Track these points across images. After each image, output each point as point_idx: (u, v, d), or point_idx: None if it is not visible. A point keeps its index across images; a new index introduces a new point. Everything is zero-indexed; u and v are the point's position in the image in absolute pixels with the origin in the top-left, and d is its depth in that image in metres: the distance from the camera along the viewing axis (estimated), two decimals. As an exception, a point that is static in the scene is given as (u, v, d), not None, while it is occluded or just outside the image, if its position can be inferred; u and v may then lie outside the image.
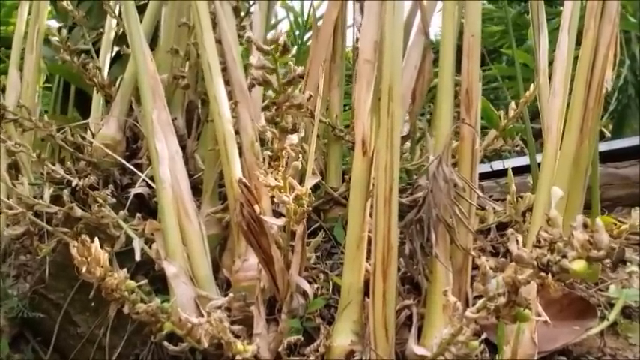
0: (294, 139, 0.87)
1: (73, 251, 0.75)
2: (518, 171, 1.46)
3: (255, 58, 0.76)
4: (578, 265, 0.49)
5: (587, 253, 0.48)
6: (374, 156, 0.91)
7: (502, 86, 2.64)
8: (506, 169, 1.57)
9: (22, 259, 1.29)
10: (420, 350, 0.85)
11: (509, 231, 0.57)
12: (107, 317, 1.12)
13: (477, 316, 0.69)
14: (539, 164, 1.11)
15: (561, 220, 0.55)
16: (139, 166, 1.27)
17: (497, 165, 1.72)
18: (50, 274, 1.17)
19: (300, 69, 0.75)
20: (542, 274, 0.58)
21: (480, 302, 0.69)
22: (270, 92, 0.80)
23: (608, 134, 2.27)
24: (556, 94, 0.96)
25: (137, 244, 1.04)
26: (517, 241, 0.57)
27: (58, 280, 1.19)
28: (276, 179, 0.89)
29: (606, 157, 1.57)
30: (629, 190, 1.60)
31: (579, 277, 0.50)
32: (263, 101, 0.83)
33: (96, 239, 0.78)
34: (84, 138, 1.34)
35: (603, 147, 1.64)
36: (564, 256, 0.50)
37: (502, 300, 0.63)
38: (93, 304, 1.16)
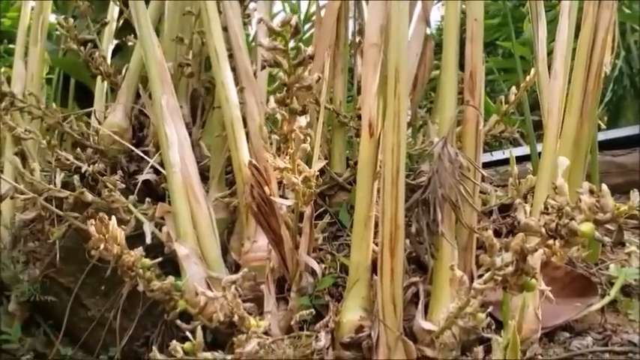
0: (303, 121, 0.90)
1: (91, 229, 0.77)
2: (518, 160, 1.48)
3: (265, 40, 0.78)
4: (587, 227, 0.51)
5: (595, 216, 0.51)
6: (381, 138, 0.93)
7: (498, 79, 2.66)
8: (505, 159, 1.60)
9: (30, 246, 1.31)
10: (427, 325, 0.87)
11: (517, 201, 0.59)
12: (117, 300, 1.14)
13: (484, 287, 0.71)
14: (538, 153, 1.13)
15: (567, 189, 0.57)
16: (145, 154, 1.29)
17: (497, 154, 1.75)
18: (61, 258, 1.19)
19: (310, 49, 0.77)
20: (550, 241, 0.60)
21: (487, 274, 0.72)
22: (280, 74, 0.82)
23: (603, 126, 2.30)
24: (557, 77, 0.98)
25: (147, 227, 1.06)
26: (525, 210, 0.60)
27: (69, 265, 1.20)
28: (284, 161, 0.92)
29: (603, 146, 1.60)
30: (627, 178, 1.62)
31: (587, 237, 0.53)
32: (272, 84, 0.85)
33: (113, 217, 0.80)
34: (88, 127, 1.36)
35: (600, 136, 1.67)
36: (572, 220, 0.52)
37: (510, 269, 0.66)
38: (103, 287, 1.18)
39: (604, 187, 0.53)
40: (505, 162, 1.63)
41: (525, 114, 1.40)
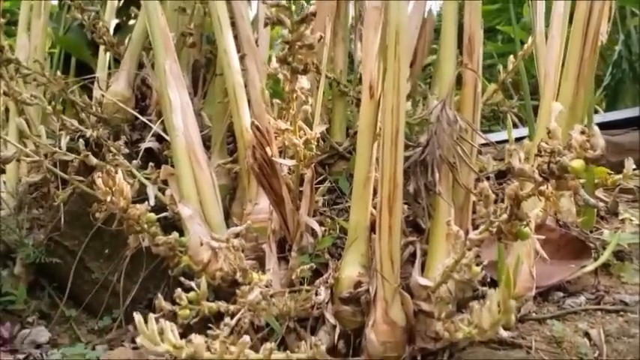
0: (304, 82, 0.91)
1: (98, 182, 0.79)
2: (516, 141, 1.50)
3: (269, -3, 0.80)
4: (577, 164, 0.53)
5: (585, 154, 0.53)
6: (381, 99, 0.94)
7: (497, 63, 2.67)
8: (504, 140, 1.62)
9: (34, 213, 1.33)
10: (423, 281, 0.89)
11: (512, 147, 0.61)
12: (121, 263, 1.16)
13: (480, 237, 0.74)
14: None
15: (560, 133, 0.59)
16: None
17: (495, 136, 1.77)
18: (65, 222, 1.21)
19: (312, 7, 0.78)
20: (543, 187, 0.62)
21: (483, 225, 0.74)
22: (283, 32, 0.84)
23: (601, 111, 2.32)
24: (554, 38, 1.00)
25: (151, 190, 1.08)
26: (519, 156, 0.62)
27: (73, 228, 1.23)
28: (286, 124, 0.94)
29: (600, 127, 1.62)
30: (623, 157, 1.65)
31: (578, 174, 0.55)
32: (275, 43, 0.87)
33: (120, 171, 0.82)
34: (90, 98, 1.39)
35: (599, 118, 1.70)
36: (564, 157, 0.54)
37: (504, 217, 0.68)
38: (107, 251, 1.21)
39: (595, 127, 0.55)
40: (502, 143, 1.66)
41: (525, 96, 1.41)
